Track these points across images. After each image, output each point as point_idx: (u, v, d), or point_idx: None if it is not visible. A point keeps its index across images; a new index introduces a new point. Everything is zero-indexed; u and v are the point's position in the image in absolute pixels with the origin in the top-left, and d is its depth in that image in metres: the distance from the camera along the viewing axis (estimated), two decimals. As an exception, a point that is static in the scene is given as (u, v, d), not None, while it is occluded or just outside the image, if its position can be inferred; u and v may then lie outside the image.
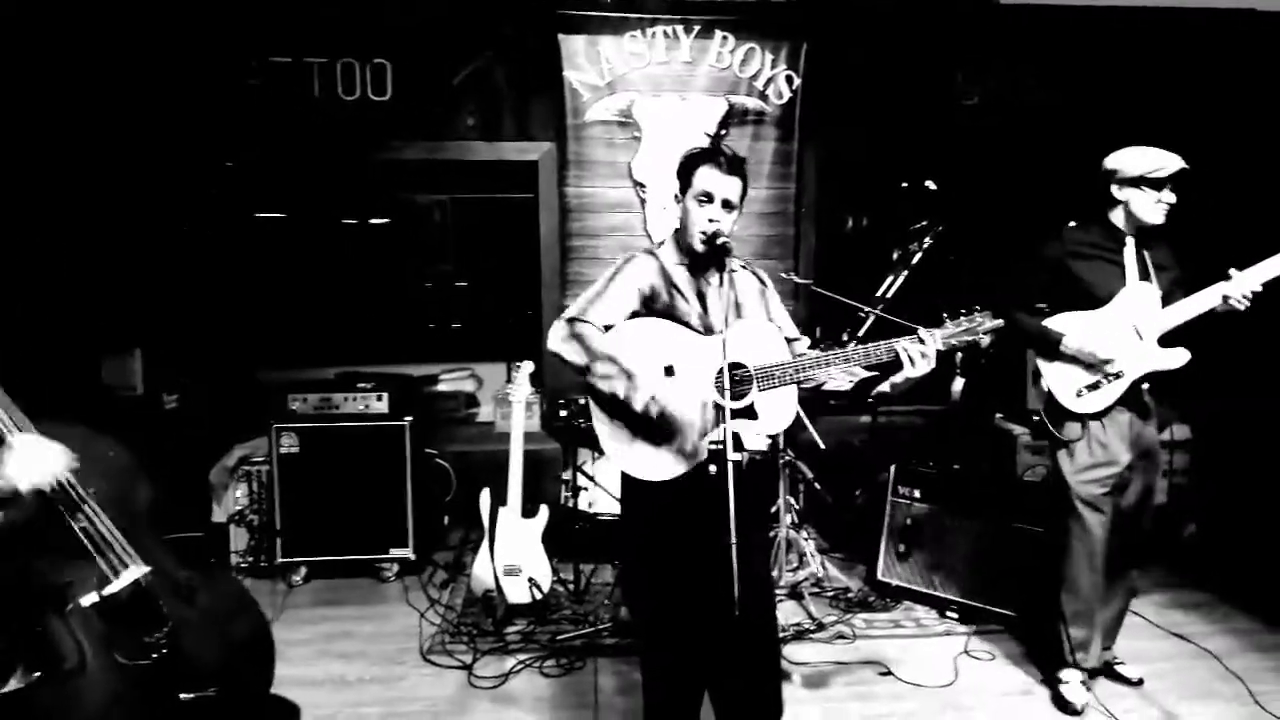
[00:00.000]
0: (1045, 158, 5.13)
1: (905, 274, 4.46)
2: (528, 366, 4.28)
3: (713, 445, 2.43)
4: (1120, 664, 3.49)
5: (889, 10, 5.29)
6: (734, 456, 2.24)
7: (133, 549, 2.46)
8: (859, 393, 2.76)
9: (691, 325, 2.55)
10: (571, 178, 5.32)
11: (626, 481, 2.60)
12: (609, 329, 2.53)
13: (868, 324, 4.21)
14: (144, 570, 2.44)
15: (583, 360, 2.48)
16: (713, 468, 2.38)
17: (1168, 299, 3.21)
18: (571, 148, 5.28)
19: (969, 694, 3.41)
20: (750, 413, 2.49)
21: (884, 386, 2.78)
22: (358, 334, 5.95)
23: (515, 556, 4.00)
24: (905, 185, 6.02)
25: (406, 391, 4.73)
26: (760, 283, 2.73)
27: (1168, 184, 3.15)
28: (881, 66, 5.36)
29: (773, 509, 4.28)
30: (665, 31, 5.18)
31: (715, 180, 2.51)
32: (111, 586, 2.38)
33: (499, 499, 4.07)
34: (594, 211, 5.36)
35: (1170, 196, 3.16)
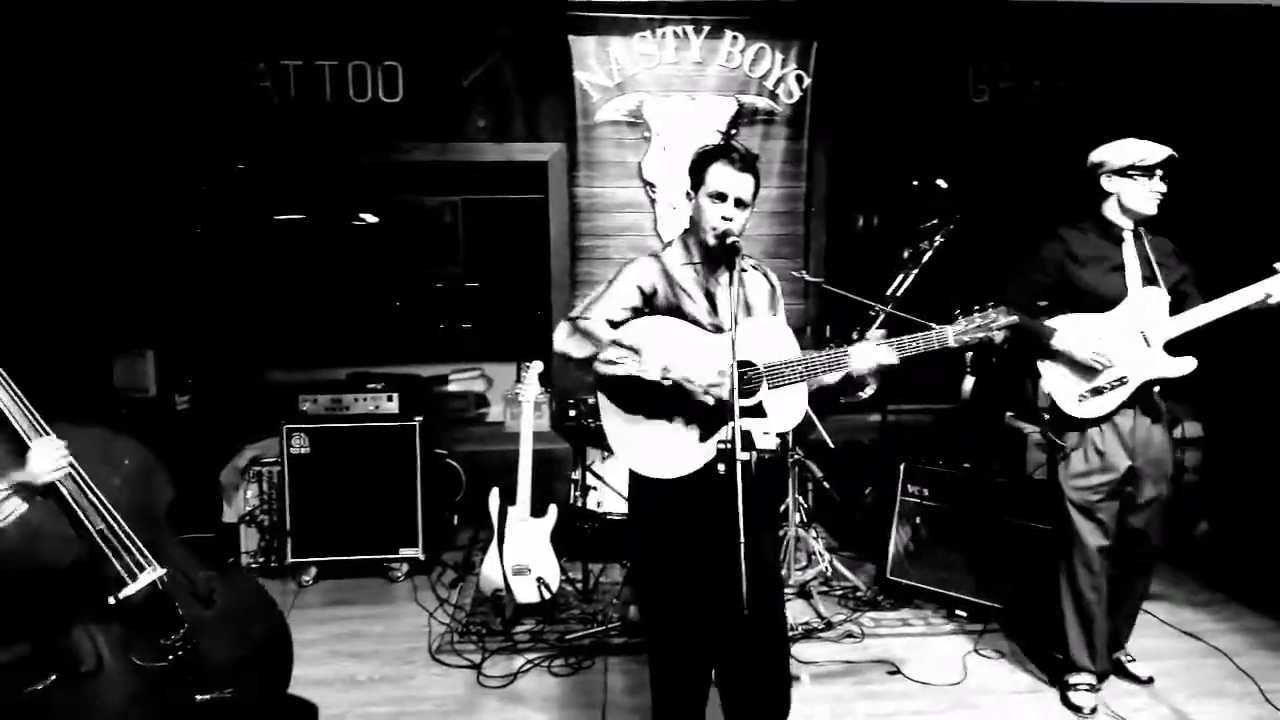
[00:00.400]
0: (1056, 156, 5.10)
1: (915, 272, 4.44)
2: (537, 366, 4.29)
3: (720, 444, 2.44)
4: (1132, 661, 3.47)
5: (899, 9, 5.27)
6: (742, 456, 2.24)
7: (149, 551, 2.49)
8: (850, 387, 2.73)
9: (700, 323, 2.55)
10: (581, 178, 5.32)
11: (635, 479, 2.59)
12: (614, 326, 2.52)
13: (878, 321, 4.20)
14: (160, 572, 2.47)
15: (588, 351, 2.46)
16: (721, 467, 2.39)
17: (1176, 298, 3.19)
18: (581, 148, 5.28)
19: (977, 693, 3.40)
20: (759, 411, 2.49)
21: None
22: (368, 335, 5.99)
23: (524, 556, 4.01)
24: (916, 184, 6.00)
25: (416, 392, 4.75)
26: (770, 284, 2.71)
27: (1156, 171, 3.10)
28: (892, 66, 5.34)
29: (781, 508, 4.28)
30: (675, 32, 5.18)
31: (728, 177, 2.48)
32: (128, 589, 2.41)
33: (508, 499, 4.09)
34: (604, 212, 5.37)
35: (1160, 185, 3.12)
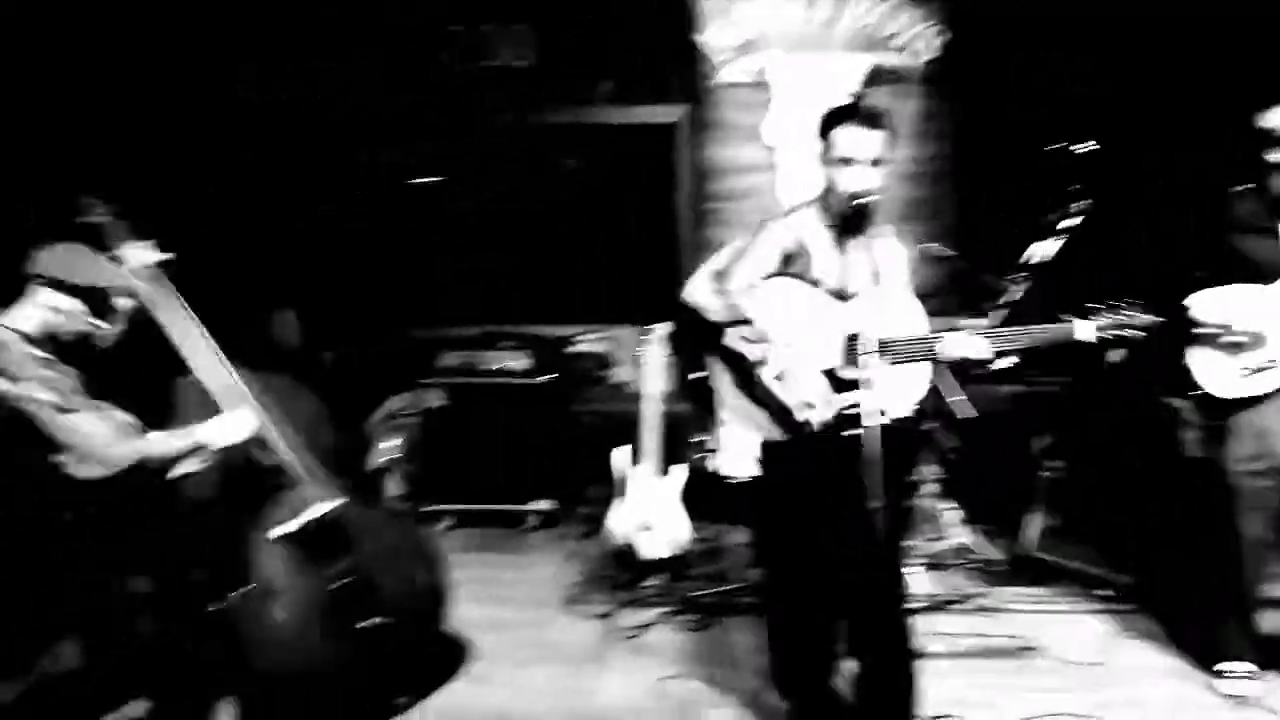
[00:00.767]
0: (1222, 118, 4.78)
1: (1052, 242, 4.26)
2: (663, 328, 4.33)
3: (846, 411, 2.41)
4: None
5: (1043, -40, 5.01)
6: (868, 423, 2.21)
7: (324, 485, 2.73)
8: None
9: (828, 289, 2.52)
10: (707, 140, 5.30)
11: (764, 443, 2.61)
12: (749, 289, 2.53)
13: (1008, 294, 4.03)
14: (336, 501, 2.70)
15: (722, 316, 2.50)
16: (846, 433, 2.36)
17: None
18: (706, 110, 5.26)
19: (1118, 673, 3.28)
20: (876, 383, 2.44)
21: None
22: (499, 295, 6.13)
23: (651, 513, 4.08)
24: (1055, 149, 5.71)
25: (546, 351, 4.88)
26: (904, 253, 2.64)
27: None
28: (1034, 20, 5.08)
29: (913, 478, 4.21)
30: (805, -11, 5.08)
31: (856, 138, 2.41)
32: (306, 514, 2.64)
33: (634, 457, 4.15)
34: (728, 174, 5.34)
35: None
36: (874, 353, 2.41)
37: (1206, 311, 3.00)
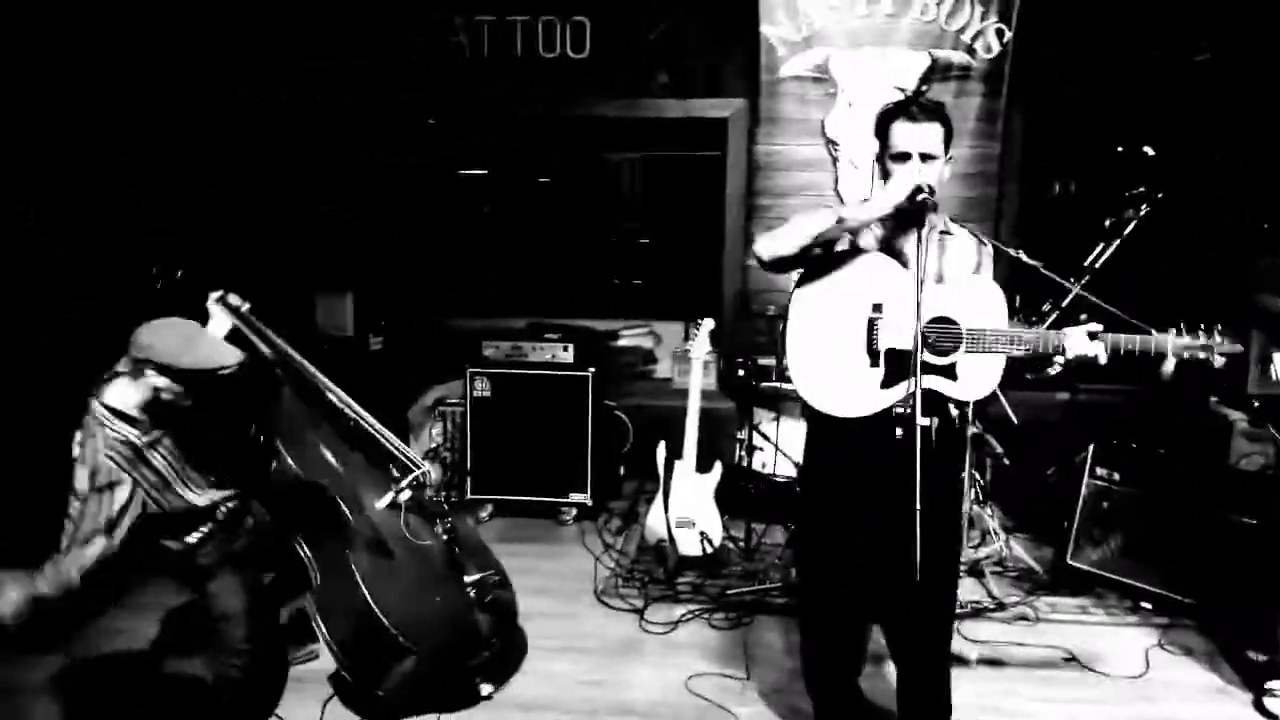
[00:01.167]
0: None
1: (1117, 244, 4.13)
2: (708, 324, 4.31)
3: (899, 409, 2.37)
4: None
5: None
6: (923, 422, 2.17)
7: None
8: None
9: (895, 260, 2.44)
10: (762, 135, 5.26)
11: (812, 428, 2.58)
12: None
13: (1071, 296, 3.92)
14: (427, 466, 2.98)
15: (799, 234, 2.34)
16: (899, 431, 2.33)
17: None
18: (764, 104, 5.21)
19: (1160, 687, 3.20)
20: (950, 373, 2.40)
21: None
22: (544, 287, 6.18)
23: (688, 510, 4.07)
24: (1121, 150, 5.55)
25: (590, 344, 4.88)
26: (978, 252, 2.54)
27: None
28: (1102, 18, 4.93)
29: (960, 483, 4.13)
30: (869, -17, 5.00)
31: (909, 133, 2.35)
32: (404, 480, 2.89)
33: (674, 453, 4.15)
34: (782, 170, 5.29)
35: None
36: (964, 341, 2.38)
37: None
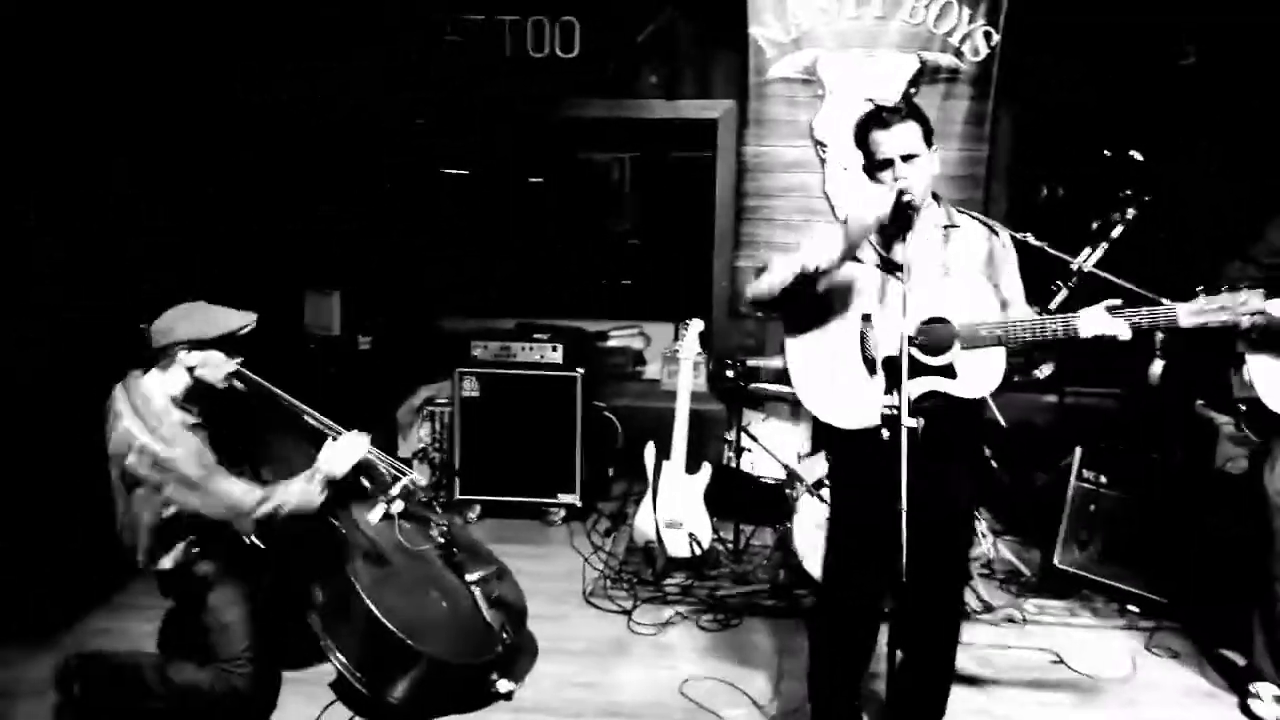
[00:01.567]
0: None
1: (1105, 247, 4.15)
2: (696, 325, 4.30)
3: (886, 410, 2.36)
4: None
5: (1099, -40, 4.88)
6: (909, 423, 2.17)
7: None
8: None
9: (883, 270, 2.46)
10: (751, 136, 5.26)
11: (832, 446, 2.68)
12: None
13: (1072, 282, 3.93)
14: (413, 474, 3.02)
15: (782, 274, 2.40)
16: (885, 432, 2.33)
17: None
18: (752, 106, 5.21)
19: (1146, 690, 3.22)
20: (949, 371, 2.40)
21: None
22: (533, 287, 6.16)
23: (677, 511, 4.07)
24: (1108, 154, 5.58)
25: (579, 344, 4.87)
26: (990, 242, 2.53)
27: None
28: (1089, 24, 4.96)
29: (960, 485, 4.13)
30: (858, -15, 5.01)
31: (887, 139, 2.38)
32: (395, 491, 2.95)
33: (663, 454, 4.15)
34: (771, 171, 5.29)
35: None
36: (958, 340, 2.37)
37: None
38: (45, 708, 2.80)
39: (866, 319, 2.46)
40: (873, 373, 2.44)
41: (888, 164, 2.39)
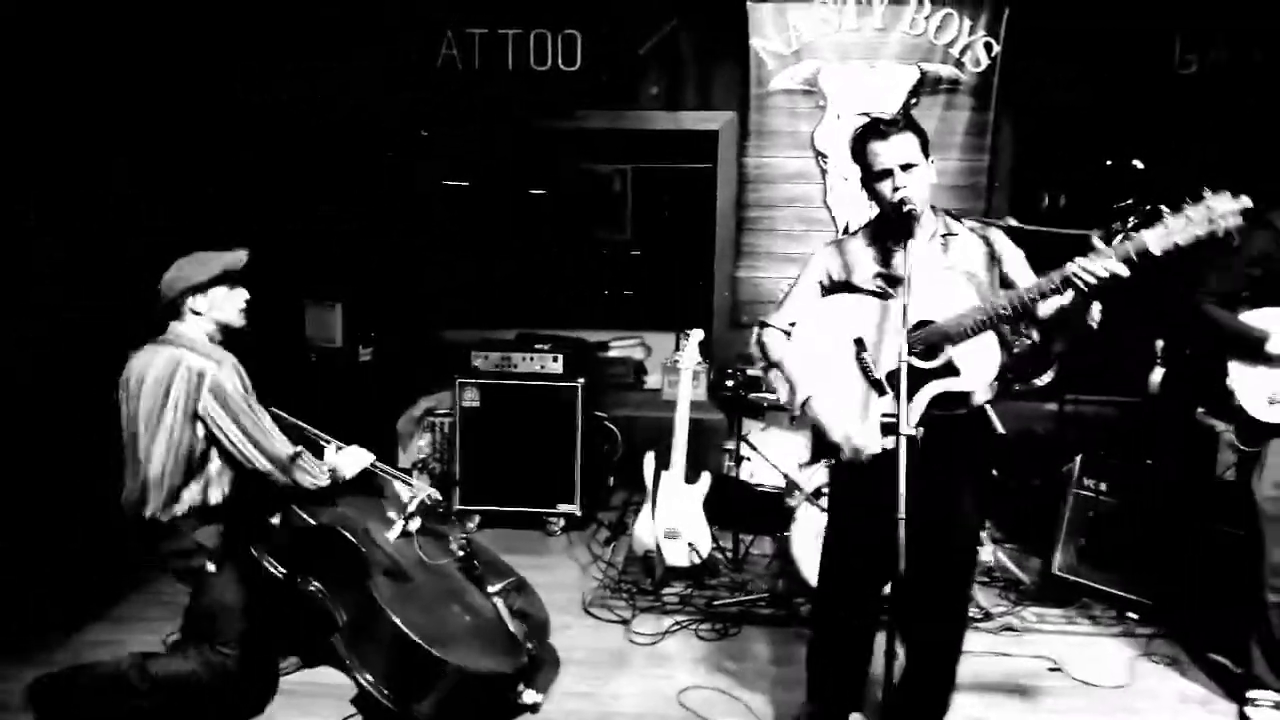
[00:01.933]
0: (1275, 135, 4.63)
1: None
2: (697, 335, 4.32)
3: (885, 418, 2.38)
4: None
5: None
6: (908, 431, 2.18)
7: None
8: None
9: (877, 293, 2.49)
10: (751, 147, 5.29)
11: (826, 444, 2.64)
12: (793, 325, 2.62)
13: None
14: (429, 489, 3.10)
15: (761, 365, 2.73)
16: (888, 440, 2.34)
17: None
18: (753, 117, 5.25)
19: (1143, 698, 3.21)
20: (951, 370, 2.40)
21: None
22: (535, 298, 6.19)
23: (676, 520, 4.07)
24: (1109, 163, 5.59)
25: (580, 355, 4.88)
26: (988, 245, 2.53)
27: None
28: (1089, 33, 4.98)
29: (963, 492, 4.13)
30: (858, -3, 5.04)
31: (885, 150, 2.42)
32: (412, 508, 3.05)
33: (663, 463, 4.15)
34: (772, 182, 5.32)
35: None
36: (949, 337, 2.38)
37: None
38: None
39: (859, 343, 2.49)
40: (881, 393, 2.45)
41: (887, 174, 2.42)
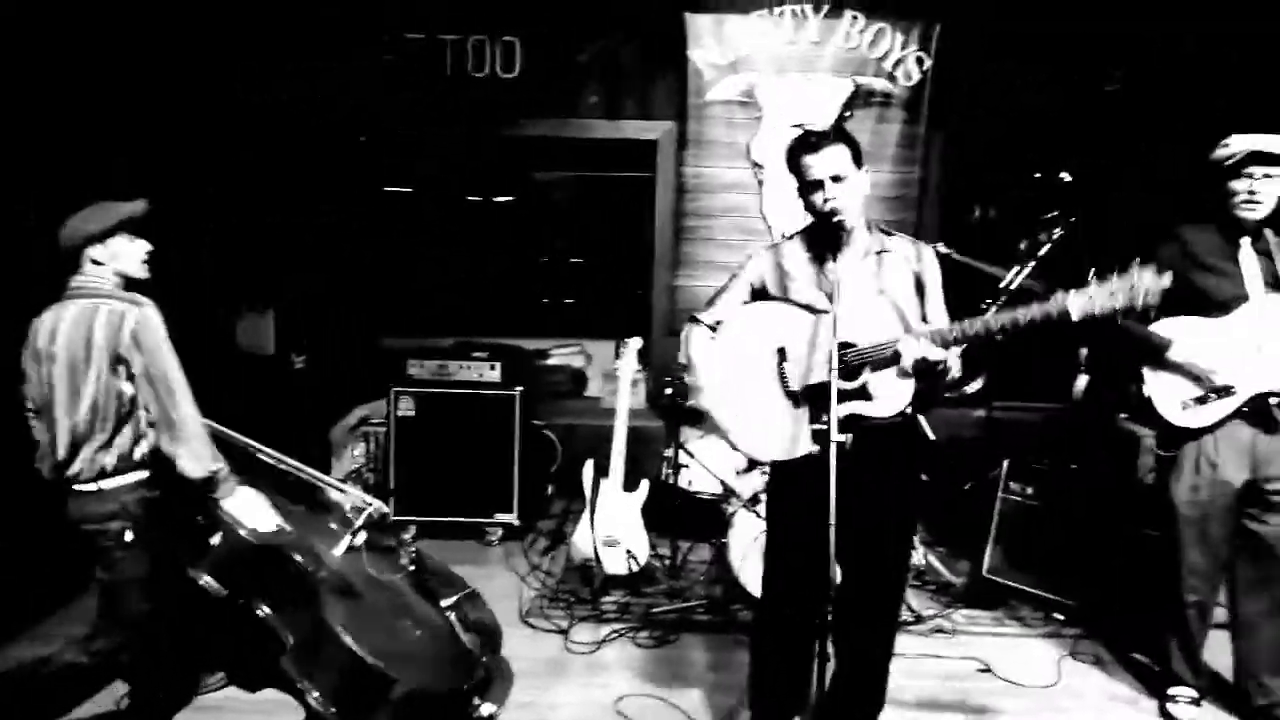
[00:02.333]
0: (1199, 146, 4.80)
1: (1032, 266, 4.28)
2: (635, 344, 4.33)
3: (815, 427, 2.42)
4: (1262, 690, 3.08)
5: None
6: (838, 438, 2.22)
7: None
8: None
9: (810, 308, 2.52)
10: (690, 157, 5.33)
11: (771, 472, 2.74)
12: (719, 324, 2.64)
13: (1000, 302, 4.04)
14: (377, 503, 3.01)
15: (682, 360, 2.70)
16: (815, 448, 2.38)
17: None
18: (692, 127, 5.29)
19: (1070, 697, 3.30)
20: (864, 394, 2.44)
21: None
22: (474, 306, 6.13)
23: (615, 528, 4.06)
24: (1038, 176, 5.76)
25: (518, 363, 4.86)
26: (917, 276, 2.56)
27: (1246, 167, 2.84)
28: (1017, 48, 5.14)
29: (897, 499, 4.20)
30: (794, 10, 5.12)
31: (817, 161, 2.45)
32: (358, 523, 2.95)
33: (601, 472, 4.15)
34: (710, 192, 5.36)
35: (1254, 185, 2.85)
36: (867, 361, 2.43)
37: (1180, 344, 3.00)
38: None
39: (781, 353, 2.53)
40: (798, 405, 2.49)
41: (818, 185, 2.45)
